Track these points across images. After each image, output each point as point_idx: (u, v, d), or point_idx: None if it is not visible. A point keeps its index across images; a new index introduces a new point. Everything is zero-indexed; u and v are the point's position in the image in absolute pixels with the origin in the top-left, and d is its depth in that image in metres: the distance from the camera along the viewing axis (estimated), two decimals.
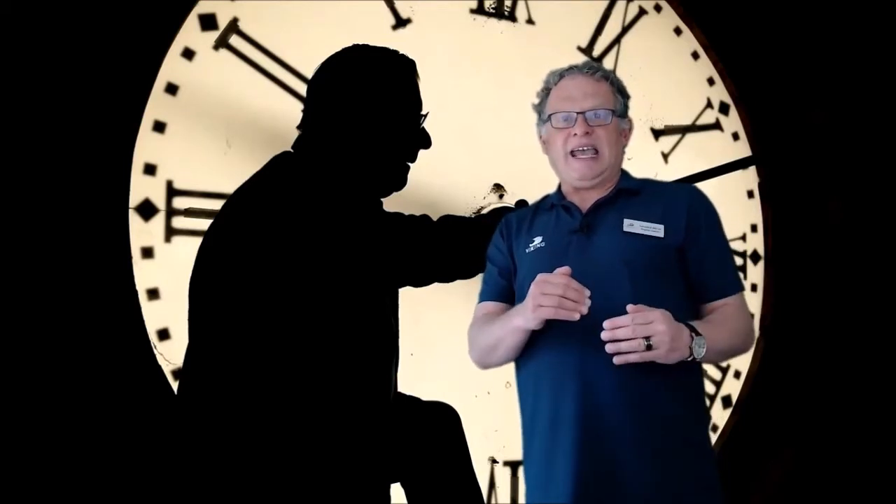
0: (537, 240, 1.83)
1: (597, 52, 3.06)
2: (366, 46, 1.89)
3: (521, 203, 2.25)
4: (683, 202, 1.80)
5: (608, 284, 1.71)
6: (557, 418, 1.71)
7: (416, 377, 2.02)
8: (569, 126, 1.80)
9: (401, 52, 1.91)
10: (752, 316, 1.72)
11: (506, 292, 1.88)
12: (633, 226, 1.76)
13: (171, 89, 2.40)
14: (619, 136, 1.84)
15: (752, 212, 3.33)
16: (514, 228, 1.91)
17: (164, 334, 2.33)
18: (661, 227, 1.76)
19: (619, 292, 1.70)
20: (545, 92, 1.89)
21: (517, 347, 1.78)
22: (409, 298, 1.92)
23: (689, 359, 1.64)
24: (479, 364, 1.91)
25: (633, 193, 1.82)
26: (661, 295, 1.71)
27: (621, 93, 1.86)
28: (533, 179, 2.01)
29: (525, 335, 1.74)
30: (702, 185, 2.12)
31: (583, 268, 1.73)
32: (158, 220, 2.37)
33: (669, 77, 3.19)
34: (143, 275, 2.32)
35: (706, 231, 1.79)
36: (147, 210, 2.36)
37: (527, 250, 1.83)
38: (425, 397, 1.89)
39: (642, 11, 3.17)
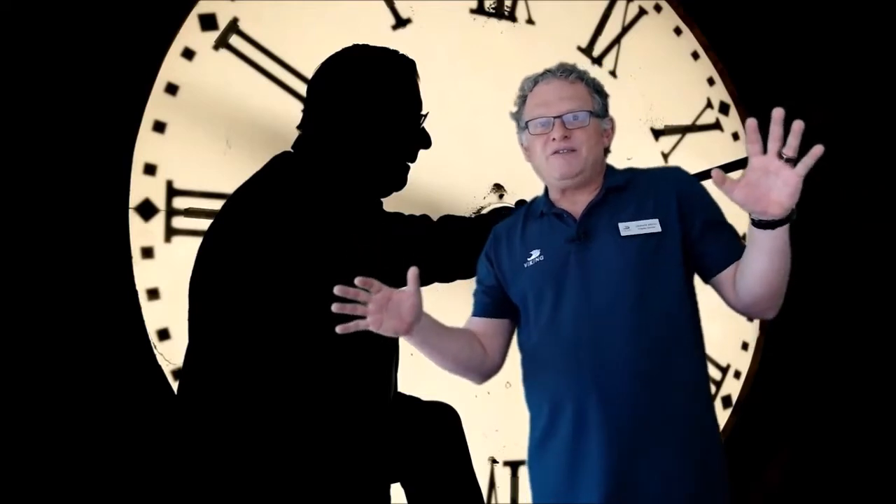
0: (535, 253, 1.80)
1: (597, 52, 3.07)
2: (366, 46, 1.89)
3: (521, 203, 2.24)
4: (671, 187, 1.78)
5: (611, 290, 1.70)
6: (582, 426, 1.69)
7: (416, 377, 2.02)
8: (546, 131, 1.76)
9: (401, 52, 1.91)
10: None
11: (489, 309, 1.87)
12: (629, 228, 1.74)
13: (171, 89, 2.40)
14: (600, 136, 1.80)
15: None
16: (502, 241, 1.88)
17: (164, 334, 2.33)
18: (656, 220, 1.74)
19: (622, 297, 1.69)
20: (521, 99, 1.84)
21: (430, 355, 1.78)
22: None
23: (788, 216, 1.63)
24: (469, 377, 1.90)
25: (622, 189, 1.80)
26: (664, 290, 1.71)
27: (599, 92, 1.82)
28: (533, 179, 2.00)
29: (416, 343, 1.73)
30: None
31: (585, 276, 1.72)
32: (158, 220, 2.37)
33: (669, 77, 3.19)
34: (143, 275, 2.32)
35: (700, 207, 1.77)
36: (147, 210, 2.36)
37: (525, 265, 1.80)
38: (425, 397, 1.90)
39: (642, 11, 3.16)
